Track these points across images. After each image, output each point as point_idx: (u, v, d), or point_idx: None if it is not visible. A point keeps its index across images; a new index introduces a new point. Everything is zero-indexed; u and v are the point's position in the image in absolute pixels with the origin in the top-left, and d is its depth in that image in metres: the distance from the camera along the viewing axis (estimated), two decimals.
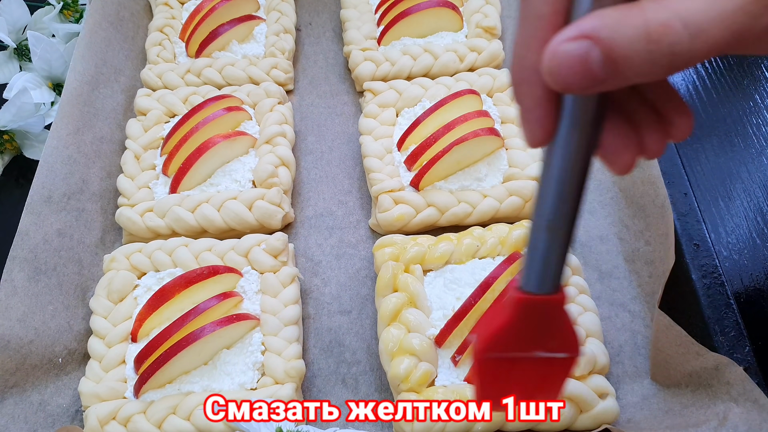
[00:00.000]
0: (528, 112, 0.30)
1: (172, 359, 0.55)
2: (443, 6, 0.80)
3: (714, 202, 0.71)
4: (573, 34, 0.27)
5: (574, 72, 0.27)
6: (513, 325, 0.36)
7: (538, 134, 0.30)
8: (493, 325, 0.36)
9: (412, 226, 0.68)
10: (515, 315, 0.35)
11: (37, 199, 0.66)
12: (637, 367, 0.61)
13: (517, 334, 0.36)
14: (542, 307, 0.36)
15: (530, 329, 0.36)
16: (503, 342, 0.36)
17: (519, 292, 0.35)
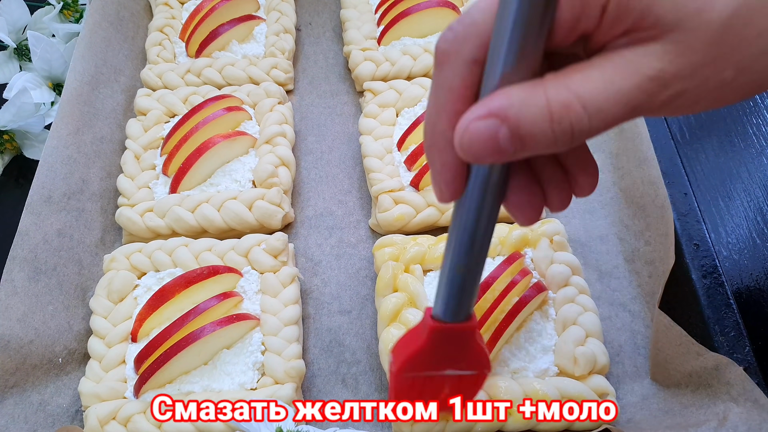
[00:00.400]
0: (438, 174, 0.33)
1: (172, 359, 0.55)
2: (443, 6, 0.80)
3: (714, 202, 0.71)
4: (482, 112, 0.28)
5: (484, 147, 0.29)
6: (427, 349, 0.40)
7: (446, 194, 0.33)
8: (408, 349, 0.42)
9: (412, 226, 0.68)
10: (429, 340, 0.40)
11: (37, 199, 0.66)
12: (637, 367, 0.61)
13: (431, 356, 0.41)
14: (454, 334, 0.40)
15: (444, 351, 0.41)
16: (417, 363, 0.42)
17: (433, 320, 0.39)
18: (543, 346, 0.58)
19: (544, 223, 0.65)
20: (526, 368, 0.57)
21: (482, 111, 0.28)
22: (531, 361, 0.57)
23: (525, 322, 0.59)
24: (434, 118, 0.32)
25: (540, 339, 0.58)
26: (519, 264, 0.60)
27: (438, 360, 0.42)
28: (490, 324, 0.56)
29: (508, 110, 0.28)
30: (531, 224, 0.35)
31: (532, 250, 0.64)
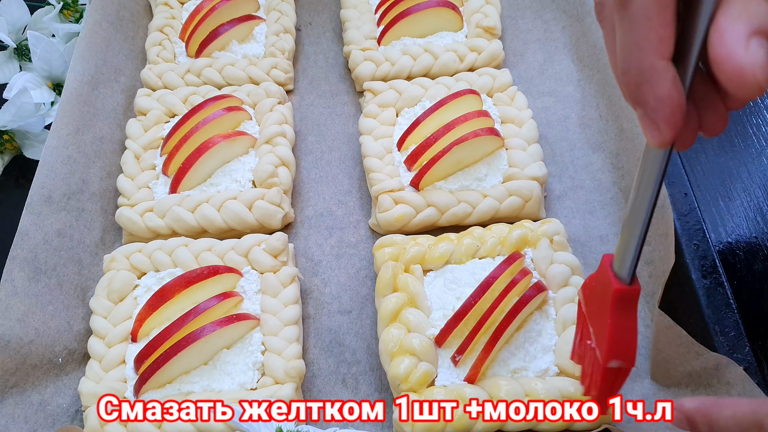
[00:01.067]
0: (653, 112, 0.31)
1: (172, 359, 0.55)
2: (443, 6, 0.80)
3: (714, 202, 0.71)
4: (743, 35, 0.26)
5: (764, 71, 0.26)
6: (618, 322, 0.41)
7: (668, 132, 0.31)
8: (604, 329, 0.42)
9: (412, 226, 0.68)
10: (617, 311, 0.41)
11: (37, 199, 0.66)
12: (637, 367, 0.61)
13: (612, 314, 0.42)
14: (635, 297, 0.41)
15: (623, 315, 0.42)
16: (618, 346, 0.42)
17: (620, 283, 0.41)
18: (543, 345, 0.58)
19: (544, 223, 0.65)
20: (527, 368, 0.57)
21: (741, 34, 0.26)
22: (531, 360, 0.57)
23: (525, 322, 0.59)
24: (636, 54, 0.30)
25: (540, 339, 0.58)
26: (519, 264, 0.60)
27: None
28: (490, 324, 0.56)
29: (760, 22, 0.26)
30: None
31: (532, 250, 0.64)
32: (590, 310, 0.46)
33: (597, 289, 0.44)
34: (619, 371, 0.43)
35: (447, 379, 0.56)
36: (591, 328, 0.45)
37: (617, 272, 0.41)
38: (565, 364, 0.57)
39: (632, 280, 0.41)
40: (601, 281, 0.43)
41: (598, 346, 0.44)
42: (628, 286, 0.40)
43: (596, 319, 0.44)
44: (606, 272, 0.42)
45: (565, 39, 0.84)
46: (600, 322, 0.43)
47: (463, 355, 0.56)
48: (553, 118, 0.78)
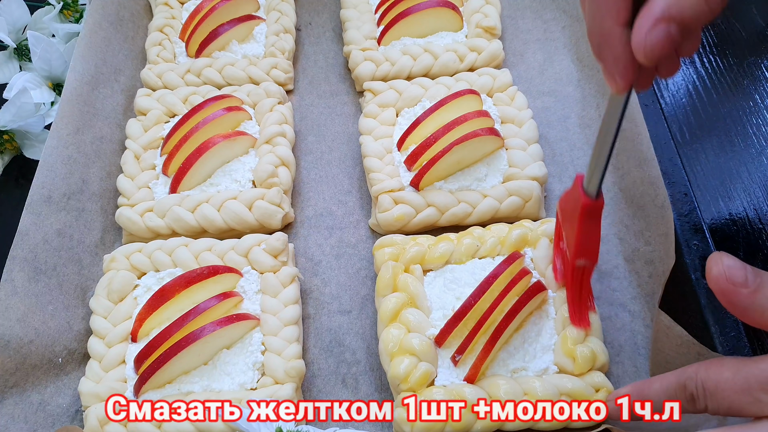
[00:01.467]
0: (612, 66, 0.40)
1: (172, 359, 0.55)
2: (443, 6, 0.80)
3: (714, 202, 0.71)
4: (651, 22, 0.35)
5: (662, 48, 0.36)
6: (584, 228, 0.53)
7: (622, 83, 0.40)
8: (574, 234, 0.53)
9: (412, 226, 0.68)
10: (584, 219, 0.52)
11: (37, 199, 0.66)
12: (637, 367, 0.61)
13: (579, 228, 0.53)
14: (599, 209, 0.52)
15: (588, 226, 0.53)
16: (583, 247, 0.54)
17: (587, 198, 0.51)
18: (542, 345, 0.58)
19: (544, 222, 0.65)
20: (526, 368, 0.57)
21: (650, 21, 0.35)
22: (531, 360, 0.57)
23: (525, 322, 0.59)
24: (599, 21, 0.39)
25: (539, 338, 0.58)
26: (519, 264, 0.60)
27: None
28: (489, 324, 0.56)
29: (670, 9, 0.35)
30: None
31: (532, 249, 0.64)
32: (564, 220, 0.57)
33: (570, 203, 0.55)
34: (585, 270, 0.56)
35: (447, 379, 0.56)
36: (564, 235, 0.57)
37: (586, 189, 0.51)
38: (564, 364, 0.57)
39: (597, 196, 0.51)
40: (573, 197, 0.54)
41: (569, 248, 0.56)
42: (594, 201, 0.51)
43: (569, 228, 0.56)
44: (577, 189, 0.52)
45: (565, 39, 0.84)
46: (571, 230, 0.55)
47: (463, 354, 0.56)
48: (553, 118, 0.78)
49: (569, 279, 0.57)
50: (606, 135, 0.47)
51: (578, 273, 0.56)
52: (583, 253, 0.54)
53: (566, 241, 0.56)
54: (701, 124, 0.77)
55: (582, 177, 0.52)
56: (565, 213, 0.57)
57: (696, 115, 0.78)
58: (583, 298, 0.58)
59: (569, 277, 0.57)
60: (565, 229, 0.57)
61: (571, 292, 0.57)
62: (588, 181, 0.51)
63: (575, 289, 0.57)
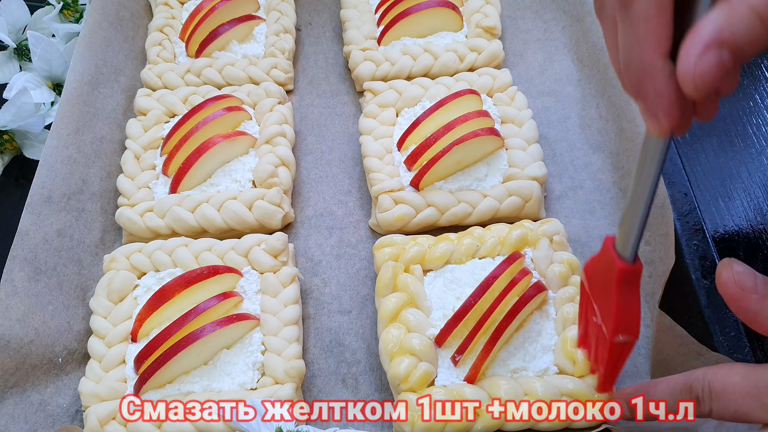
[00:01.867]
0: (653, 104, 0.35)
1: (172, 359, 0.55)
2: (443, 6, 0.80)
3: (714, 202, 0.71)
4: (700, 49, 0.31)
5: (714, 77, 0.30)
6: (622, 299, 0.44)
7: (666, 123, 0.35)
8: (611, 306, 0.45)
9: (412, 226, 0.68)
10: (622, 288, 0.44)
11: (37, 199, 0.66)
12: (637, 367, 0.61)
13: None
14: (638, 275, 0.44)
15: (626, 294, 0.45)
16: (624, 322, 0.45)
17: (623, 262, 0.43)
18: (543, 345, 0.58)
19: (544, 222, 0.65)
20: (526, 368, 0.57)
21: (699, 47, 0.30)
22: (531, 360, 0.57)
23: (525, 322, 0.59)
24: (636, 52, 0.34)
25: (540, 338, 0.59)
26: (519, 264, 0.60)
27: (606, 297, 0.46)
28: (489, 324, 0.56)
29: (722, 33, 0.30)
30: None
31: (532, 250, 0.64)
32: (594, 290, 0.49)
33: (600, 270, 0.47)
34: (624, 346, 0.46)
35: (447, 379, 0.56)
36: (596, 306, 0.48)
37: (620, 253, 0.44)
38: (564, 364, 0.57)
39: (635, 260, 0.44)
40: (604, 262, 0.46)
41: (605, 323, 0.47)
42: (631, 265, 0.44)
43: (601, 298, 0.47)
44: (609, 253, 0.45)
45: (565, 39, 0.84)
46: (605, 300, 0.46)
47: (463, 355, 0.56)
48: (553, 118, 0.78)
49: (606, 356, 0.48)
50: (643, 187, 0.40)
51: (617, 349, 0.47)
52: (624, 328, 0.45)
53: (600, 315, 0.48)
54: (701, 124, 0.77)
55: (612, 239, 0.45)
56: (594, 282, 0.49)
57: None
58: (616, 372, 0.50)
59: (606, 355, 0.48)
60: (596, 300, 0.49)
61: (606, 371, 0.50)
62: (623, 243, 0.44)
63: (610, 365, 0.49)
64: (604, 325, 0.47)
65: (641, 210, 0.41)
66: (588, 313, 0.51)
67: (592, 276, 0.49)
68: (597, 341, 0.50)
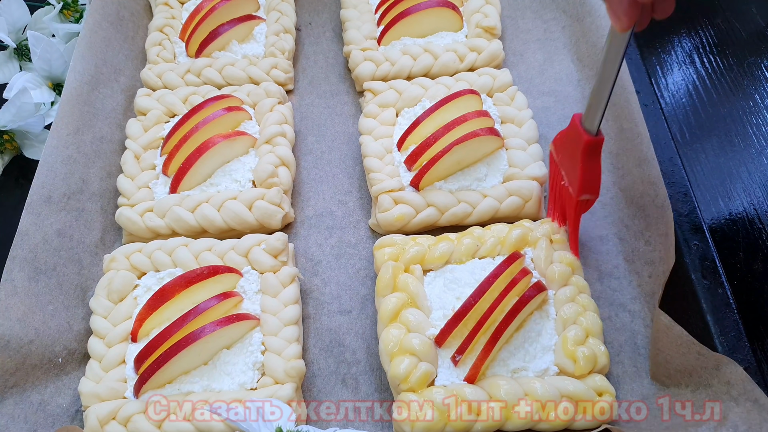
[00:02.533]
0: (616, 5, 0.44)
1: (172, 359, 0.55)
2: (443, 6, 0.80)
3: (714, 202, 0.71)
4: None
5: None
6: (587, 165, 0.56)
7: (626, 21, 0.44)
8: (576, 171, 0.57)
9: (412, 226, 0.68)
10: (587, 156, 0.55)
11: (37, 199, 0.66)
12: (637, 367, 0.61)
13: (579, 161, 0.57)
14: (599, 145, 0.56)
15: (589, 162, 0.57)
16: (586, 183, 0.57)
17: (588, 135, 0.55)
18: (543, 345, 0.58)
19: (544, 222, 0.65)
20: (526, 368, 0.57)
21: None
22: (531, 360, 0.57)
23: (525, 322, 0.59)
24: None
25: (540, 338, 0.58)
26: (519, 264, 0.60)
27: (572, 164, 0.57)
28: (489, 324, 0.56)
29: None
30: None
31: (532, 250, 0.64)
32: (562, 159, 0.61)
33: (568, 142, 0.59)
34: (587, 203, 0.60)
35: (447, 379, 0.56)
36: (563, 172, 0.60)
37: (586, 127, 0.55)
38: (565, 364, 0.57)
39: (597, 133, 0.55)
40: (572, 135, 0.57)
41: (571, 185, 0.59)
42: (595, 137, 0.55)
43: (568, 165, 0.59)
44: (577, 128, 0.56)
45: (565, 39, 0.84)
46: (572, 167, 0.58)
47: (463, 355, 0.56)
48: (553, 118, 0.78)
49: (573, 213, 0.61)
50: (607, 73, 0.50)
51: (581, 206, 0.60)
52: (587, 189, 0.58)
53: (567, 179, 0.60)
54: (701, 124, 0.77)
55: (579, 116, 0.55)
56: (562, 152, 0.60)
57: (696, 115, 0.78)
58: (577, 229, 0.63)
59: (573, 212, 0.61)
60: (563, 167, 0.60)
61: (573, 225, 0.62)
62: (587, 118, 0.54)
63: (576, 222, 0.62)
64: (570, 187, 0.59)
65: (606, 91, 0.51)
66: (556, 179, 0.63)
67: (560, 148, 0.61)
68: (564, 202, 0.62)
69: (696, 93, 0.80)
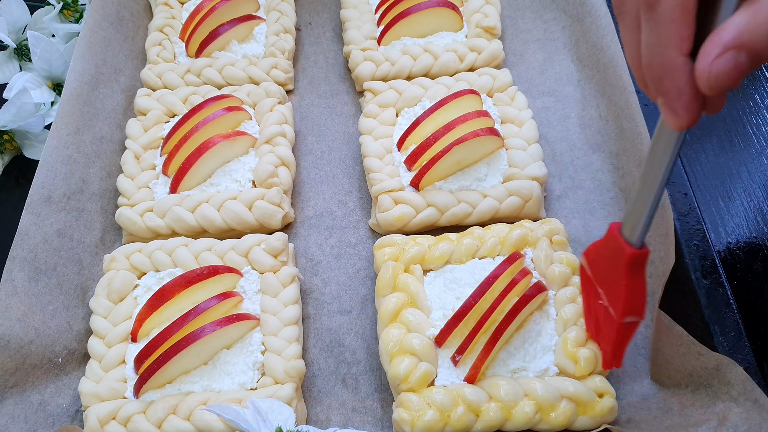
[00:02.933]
0: (674, 101, 0.36)
1: (172, 359, 0.55)
2: (443, 6, 0.80)
3: (714, 202, 0.71)
4: (719, 50, 0.33)
5: (729, 78, 0.33)
6: (630, 283, 0.47)
7: (686, 118, 0.37)
8: (619, 290, 0.48)
9: (412, 226, 0.68)
10: (631, 273, 0.46)
11: (37, 199, 0.66)
12: (637, 367, 0.61)
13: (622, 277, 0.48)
14: (645, 258, 0.47)
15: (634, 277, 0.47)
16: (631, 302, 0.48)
17: (632, 248, 0.46)
18: (543, 345, 0.58)
19: (544, 222, 0.65)
20: (527, 368, 0.57)
21: (718, 48, 0.33)
22: (531, 360, 0.57)
23: (525, 322, 0.59)
24: (659, 51, 0.36)
25: (540, 339, 0.58)
26: (519, 264, 0.60)
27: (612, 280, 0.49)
28: (490, 324, 0.56)
29: (742, 37, 0.32)
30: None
31: (532, 250, 0.64)
32: (598, 274, 0.52)
33: (605, 255, 0.50)
34: (630, 325, 0.50)
35: (447, 379, 0.56)
36: (601, 290, 0.51)
37: (628, 239, 0.46)
38: (565, 365, 0.56)
39: (642, 246, 0.46)
40: (610, 247, 0.49)
41: (612, 305, 0.50)
42: (639, 250, 0.46)
43: (606, 282, 0.51)
44: (616, 238, 0.48)
45: (565, 39, 0.84)
46: (611, 284, 0.49)
47: (463, 355, 0.56)
48: (553, 118, 0.78)
49: (614, 336, 0.51)
50: (654, 177, 0.42)
51: (624, 329, 0.50)
52: (633, 311, 0.48)
53: (606, 299, 0.51)
54: (701, 124, 0.77)
55: (618, 225, 0.48)
56: (598, 267, 0.52)
57: None
58: (623, 349, 0.52)
59: (614, 335, 0.50)
60: (600, 284, 0.52)
61: (613, 347, 0.52)
62: (631, 229, 0.46)
63: (617, 343, 0.51)
64: (611, 307, 0.50)
65: (652, 197, 0.43)
66: (590, 296, 0.54)
67: (594, 261, 0.52)
68: (603, 322, 0.53)
69: None
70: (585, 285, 0.56)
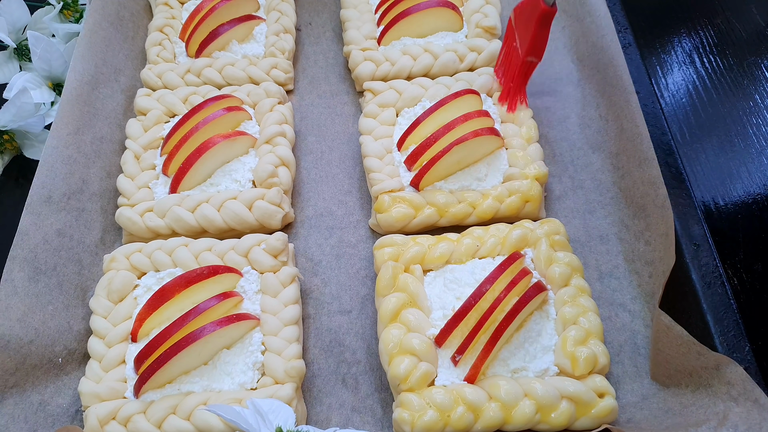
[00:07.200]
0: None
1: (172, 359, 0.55)
2: (443, 6, 0.80)
3: (714, 202, 0.71)
4: None
5: None
6: (538, 31, 0.65)
7: None
8: (528, 35, 0.66)
9: (412, 226, 0.68)
10: (540, 23, 0.64)
11: (37, 199, 0.66)
12: (637, 367, 0.61)
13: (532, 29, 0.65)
14: (552, 15, 0.63)
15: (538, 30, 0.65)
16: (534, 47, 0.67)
17: (545, 6, 0.62)
18: (543, 345, 0.58)
19: (544, 222, 0.65)
20: (526, 368, 0.57)
21: None
22: (531, 360, 0.57)
23: (525, 322, 0.59)
24: None
25: (540, 339, 0.58)
26: (519, 264, 0.60)
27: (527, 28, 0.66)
28: (490, 324, 0.56)
29: None
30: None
31: (532, 250, 0.64)
32: (519, 24, 0.69)
33: (527, 8, 0.66)
34: (530, 65, 0.69)
35: (447, 379, 0.56)
36: (517, 36, 0.69)
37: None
38: (565, 364, 0.57)
39: (552, 4, 0.61)
40: (530, 5, 0.65)
41: (521, 47, 0.68)
42: (549, 8, 0.62)
43: (522, 30, 0.68)
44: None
45: (565, 39, 0.84)
46: (525, 32, 0.67)
47: (463, 355, 0.56)
48: (553, 118, 0.78)
49: (517, 70, 0.70)
50: None
51: (525, 67, 0.69)
52: (534, 52, 0.67)
53: (519, 42, 0.69)
54: (701, 124, 0.77)
55: None
56: (519, 18, 0.69)
57: (696, 115, 0.78)
58: (521, 90, 0.72)
59: (517, 69, 0.70)
60: (518, 31, 0.69)
61: (512, 81, 0.71)
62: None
63: (518, 80, 0.70)
64: (520, 49, 0.68)
65: None
66: (509, 40, 0.72)
67: (519, 14, 0.69)
68: (511, 62, 0.72)
69: (696, 93, 0.80)
70: (508, 33, 0.72)
